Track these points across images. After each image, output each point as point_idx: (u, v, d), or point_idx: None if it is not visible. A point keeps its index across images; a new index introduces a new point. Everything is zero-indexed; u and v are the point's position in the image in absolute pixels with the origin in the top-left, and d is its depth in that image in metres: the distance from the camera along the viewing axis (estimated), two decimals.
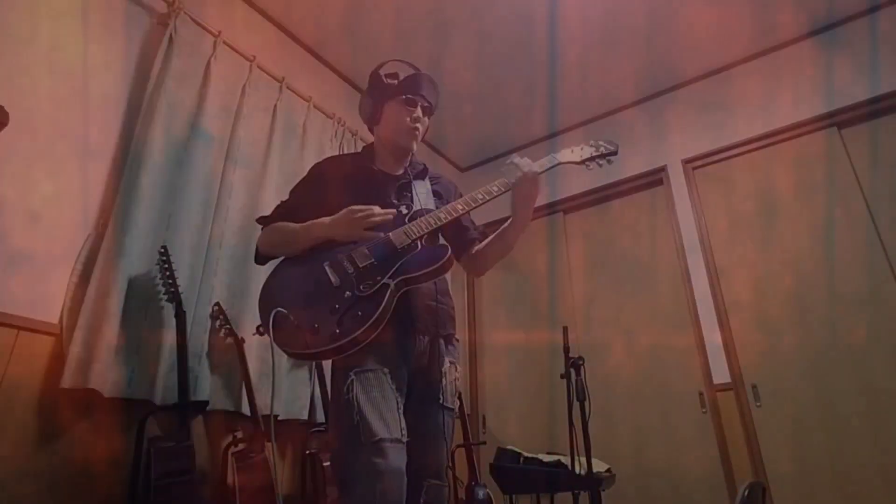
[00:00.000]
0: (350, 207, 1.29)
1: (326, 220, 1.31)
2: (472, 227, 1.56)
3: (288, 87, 2.66)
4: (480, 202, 1.37)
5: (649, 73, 3.17)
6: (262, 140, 2.46)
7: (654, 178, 3.15)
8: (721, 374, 2.56)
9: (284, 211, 1.45)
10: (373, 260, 1.25)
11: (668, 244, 2.97)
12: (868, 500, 2.10)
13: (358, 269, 1.24)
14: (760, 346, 2.52)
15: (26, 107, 1.69)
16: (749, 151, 2.87)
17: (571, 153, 1.49)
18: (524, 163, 1.40)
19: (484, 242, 1.53)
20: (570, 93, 3.31)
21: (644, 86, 3.27)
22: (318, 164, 1.53)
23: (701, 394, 2.60)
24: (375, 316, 1.16)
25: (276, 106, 2.56)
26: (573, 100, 3.38)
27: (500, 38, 2.90)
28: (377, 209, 1.29)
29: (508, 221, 1.45)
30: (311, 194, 1.45)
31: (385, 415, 1.16)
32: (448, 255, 1.27)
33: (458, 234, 1.52)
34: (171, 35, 2.12)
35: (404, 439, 1.16)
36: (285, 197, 1.51)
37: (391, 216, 1.30)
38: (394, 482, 1.11)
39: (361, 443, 1.11)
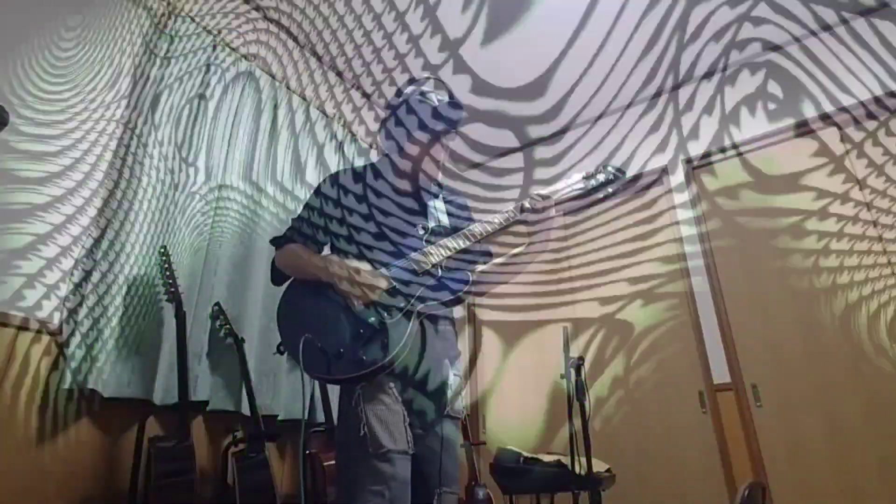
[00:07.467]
0: (361, 270, 1.26)
1: (341, 265, 1.28)
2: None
3: (288, 88, 2.66)
4: (497, 227, 1.39)
5: (650, 73, 3.17)
6: (263, 140, 2.46)
7: (654, 178, 3.15)
8: (721, 374, 2.56)
9: (297, 233, 1.41)
10: (394, 285, 1.27)
11: (669, 244, 2.97)
12: (868, 499, 2.10)
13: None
14: (760, 346, 2.51)
15: (26, 107, 1.69)
16: (749, 151, 2.87)
17: (586, 181, 1.56)
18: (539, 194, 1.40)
19: (490, 264, 1.47)
20: (570, 92, 3.30)
21: (645, 85, 3.27)
22: (326, 182, 1.45)
23: (701, 394, 2.60)
24: (401, 344, 1.19)
25: (276, 106, 2.56)
26: (574, 99, 3.37)
27: (504, 38, 2.90)
28: (377, 284, 1.26)
29: (523, 247, 1.44)
30: (323, 215, 1.40)
31: (391, 427, 1.17)
32: (468, 285, 1.29)
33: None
34: (171, 35, 2.12)
35: (411, 451, 1.18)
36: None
37: (377, 294, 1.26)
38: (401, 490, 1.13)
39: (369, 453, 1.13)
